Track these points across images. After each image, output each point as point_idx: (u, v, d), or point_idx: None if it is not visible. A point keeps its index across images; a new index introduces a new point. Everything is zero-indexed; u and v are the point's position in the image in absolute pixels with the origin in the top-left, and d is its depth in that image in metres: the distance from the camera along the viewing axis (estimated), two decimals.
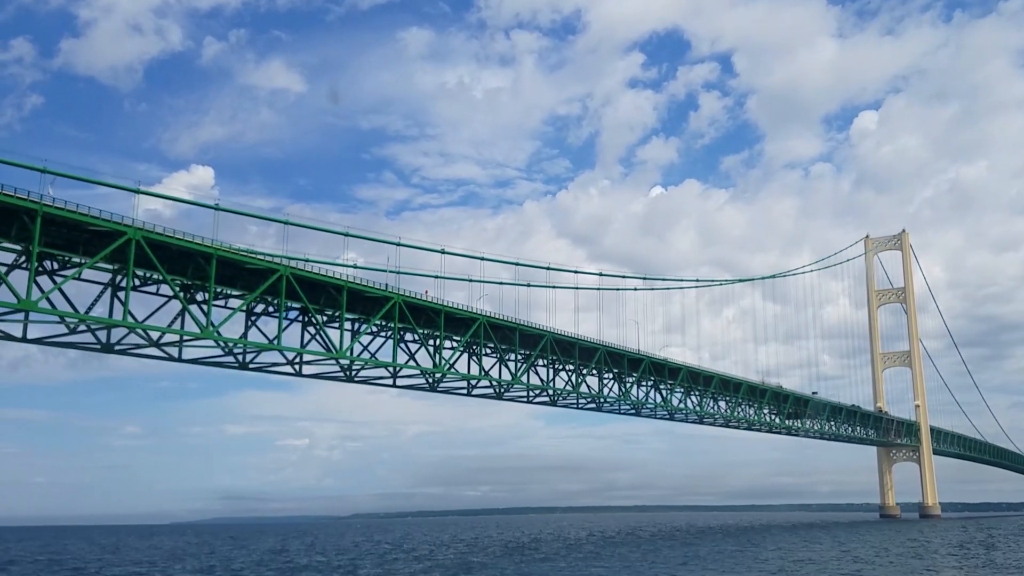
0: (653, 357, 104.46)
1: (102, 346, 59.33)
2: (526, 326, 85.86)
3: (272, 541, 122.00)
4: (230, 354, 65.36)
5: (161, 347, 61.40)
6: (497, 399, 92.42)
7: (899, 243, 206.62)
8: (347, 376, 76.32)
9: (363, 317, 71.70)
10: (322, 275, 65.58)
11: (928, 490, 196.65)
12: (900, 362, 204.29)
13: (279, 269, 61.39)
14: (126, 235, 52.62)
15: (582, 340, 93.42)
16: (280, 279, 61.43)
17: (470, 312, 79.30)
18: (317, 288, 66.68)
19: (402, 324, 73.59)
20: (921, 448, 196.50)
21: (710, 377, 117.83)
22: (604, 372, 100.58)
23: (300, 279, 63.41)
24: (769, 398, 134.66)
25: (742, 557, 63.93)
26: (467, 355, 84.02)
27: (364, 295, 69.75)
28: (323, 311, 68.58)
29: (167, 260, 57.30)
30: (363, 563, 64.14)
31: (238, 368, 67.56)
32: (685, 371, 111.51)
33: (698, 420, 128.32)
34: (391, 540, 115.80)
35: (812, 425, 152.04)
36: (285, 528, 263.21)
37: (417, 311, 74.81)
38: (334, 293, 67.22)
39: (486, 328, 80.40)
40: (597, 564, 57.80)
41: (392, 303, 70.68)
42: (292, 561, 68.88)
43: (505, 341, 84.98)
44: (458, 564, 60.56)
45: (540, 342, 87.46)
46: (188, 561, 72.70)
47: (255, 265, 60.73)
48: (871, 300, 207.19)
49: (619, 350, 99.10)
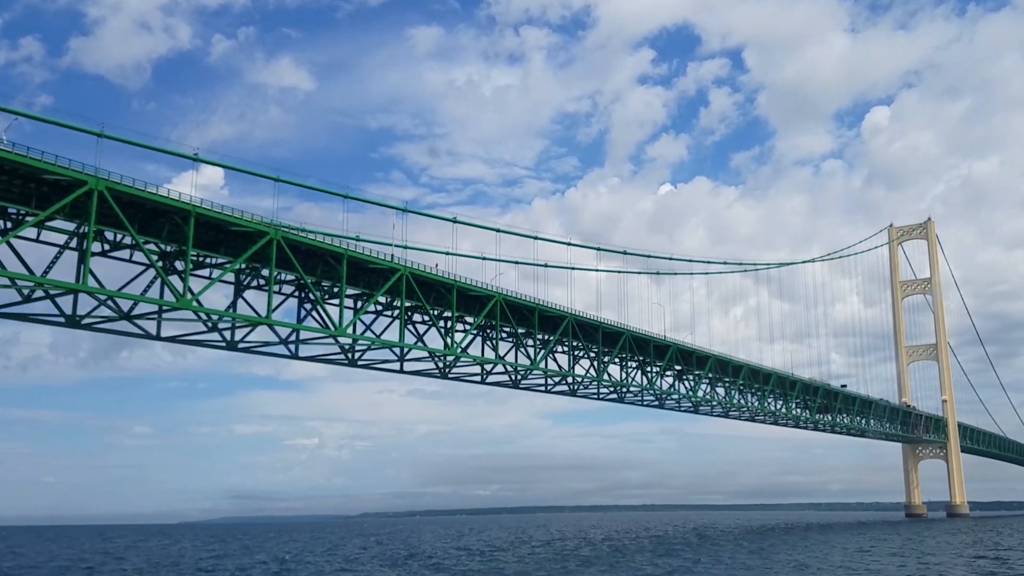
0: (681, 344, 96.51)
1: (66, 319, 51.55)
2: (546, 306, 77.92)
3: (305, 541, 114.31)
4: (215, 330, 57.46)
5: (134, 321, 53.52)
6: (513, 387, 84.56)
7: (924, 232, 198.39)
8: (349, 359, 68.43)
9: (366, 292, 63.86)
10: (318, 241, 57.72)
11: (956, 488, 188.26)
12: (926, 356, 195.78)
13: (269, 232, 53.51)
14: (87, 185, 44.86)
15: (606, 324, 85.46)
16: (270, 244, 53.55)
17: (485, 289, 71.40)
18: (313, 257, 58.88)
19: (410, 302, 65.78)
20: (949, 445, 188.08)
21: (739, 367, 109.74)
22: (628, 360, 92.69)
23: (294, 245, 55.49)
24: (799, 390, 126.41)
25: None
26: (481, 339, 76.33)
27: (367, 266, 61.86)
28: (320, 284, 60.74)
29: (139, 220, 49.59)
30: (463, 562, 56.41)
31: (226, 348, 59.69)
32: (713, 360, 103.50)
33: (723, 414, 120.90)
34: (446, 538, 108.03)
35: (842, 420, 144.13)
36: (296, 527, 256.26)
37: (427, 287, 66.96)
38: (333, 263, 59.36)
39: (502, 308, 72.50)
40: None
41: (399, 276, 62.82)
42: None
43: (523, 323, 77.10)
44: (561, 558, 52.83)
45: (560, 325, 79.53)
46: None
47: (242, 227, 52.84)
48: (895, 291, 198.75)
49: (645, 335, 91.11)
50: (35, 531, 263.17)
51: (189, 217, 49.56)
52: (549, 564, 57.25)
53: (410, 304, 66.46)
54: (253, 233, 53.57)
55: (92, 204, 44.78)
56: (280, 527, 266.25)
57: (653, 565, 54.67)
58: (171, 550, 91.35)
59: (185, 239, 49.56)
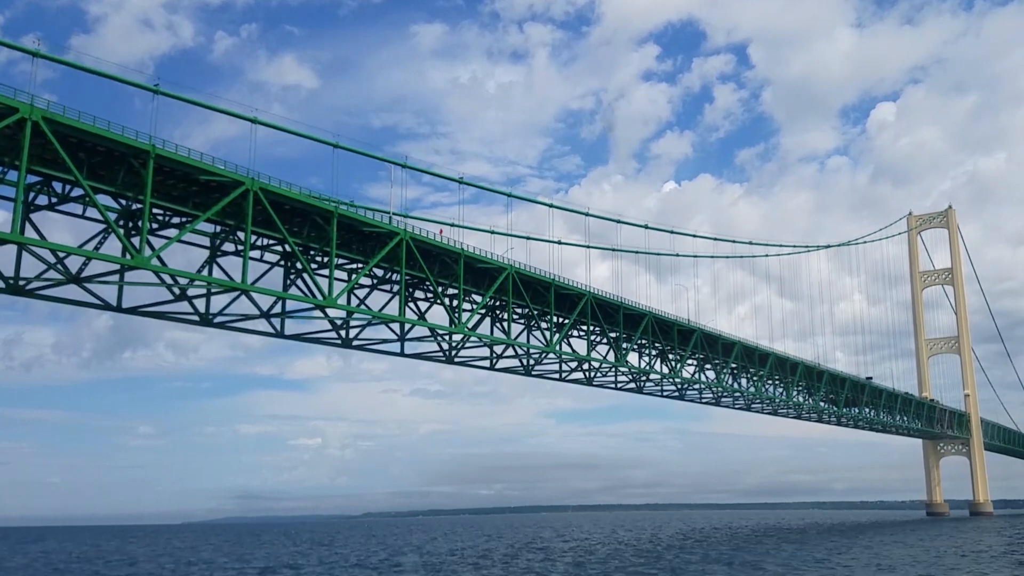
0: (707, 329, 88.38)
1: (5, 284, 43.51)
2: (563, 283, 69.93)
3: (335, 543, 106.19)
4: (184, 298, 49.31)
5: (87, 286, 45.41)
6: (524, 374, 76.48)
7: (944, 221, 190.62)
8: (342, 339, 60.30)
9: (360, 259, 55.82)
10: (305, 195, 49.65)
11: (980, 486, 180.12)
12: (947, 349, 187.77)
13: (245, 182, 45.45)
14: (18, 113, 36.85)
15: (628, 304, 77.44)
16: (246, 196, 45.50)
17: (496, 260, 63.36)
18: (298, 216, 50.82)
19: (410, 273, 57.73)
20: (971, 441, 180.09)
21: (766, 355, 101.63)
22: (649, 346, 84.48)
23: (275, 201, 47.50)
24: (826, 382, 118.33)
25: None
26: (490, 320, 68.37)
27: (361, 229, 53.76)
28: (307, 249, 52.68)
29: (90, 165, 41.65)
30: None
31: (199, 322, 51.57)
32: (739, 347, 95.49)
33: (745, 407, 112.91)
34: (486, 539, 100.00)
35: (868, 413, 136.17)
36: (302, 526, 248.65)
37: (430, 256, 58.92)
38: (322, 224, 51.32)
39: (515, 283, 64.47)
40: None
41: (397, 241, 54.70)
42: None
43: (537, 301, 69.10)
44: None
45: (578, 305, 71.49)
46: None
47: (214, 176, 44.81)
48: (915, 282, 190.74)
49: (669, 319, 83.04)
50: (39, 532, 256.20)
51: (148, 159, 41.51)
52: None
53: (410, 277, 58.44)
54: (227, 184, 45.63)
55: (25, 136, 36.73)
56: (287, 526, 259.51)
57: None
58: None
59: (143, 185, 41.52)
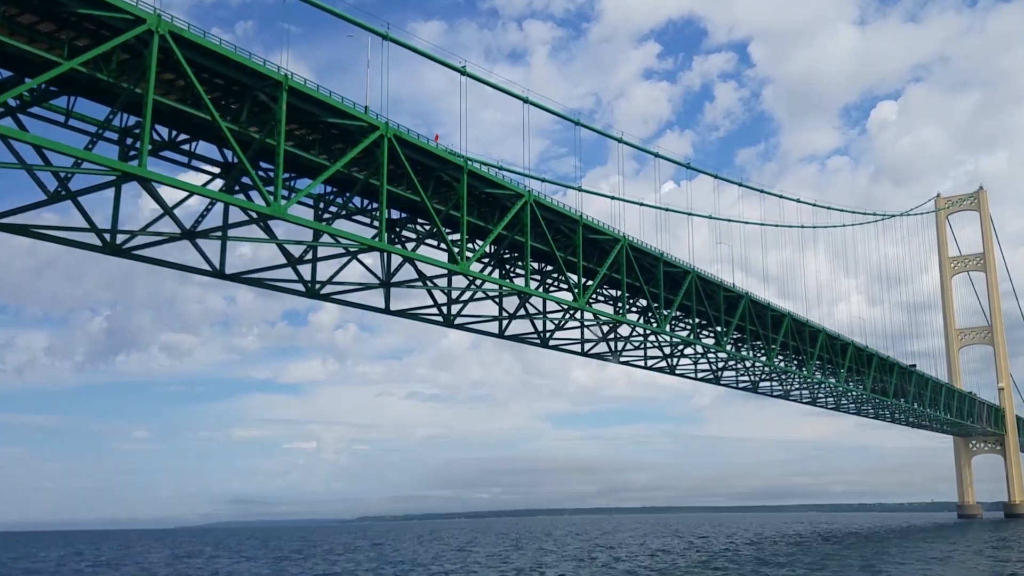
0: (754, 296, 76.01)
1: None
2: (670, 258, 62.94)
3: None
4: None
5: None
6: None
7: (975, 203, 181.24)
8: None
9: (323, 157, 40.50)
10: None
11: (1016, 486, 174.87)
12: (980, 339, 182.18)
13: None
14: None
15: (669, 258, 62.71)
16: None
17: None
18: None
19: (394, 186, 42.48)
20: (1007, 438, 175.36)
21: (816, 332, 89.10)
22: (692, 313, 69.63)
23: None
24: (875, 367, 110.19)
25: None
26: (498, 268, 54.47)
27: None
28: (248, 139, 35.83)
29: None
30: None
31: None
32: (788, 320, 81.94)
33: (784, 394, 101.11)
34: None
35: (913, 406, 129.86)
36: (293, 531, 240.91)
37: (424, 170, 43.17)
38: (266, 100, 35.10)
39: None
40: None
41: (377, 136, 38.42)
42: None
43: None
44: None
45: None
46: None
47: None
48: (944, 268, 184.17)
49: (715, 279, 69.80)
50: (32, 537, 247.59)
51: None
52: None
53: (395, 190, 43.73)
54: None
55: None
56: (280, 532, 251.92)
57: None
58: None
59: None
